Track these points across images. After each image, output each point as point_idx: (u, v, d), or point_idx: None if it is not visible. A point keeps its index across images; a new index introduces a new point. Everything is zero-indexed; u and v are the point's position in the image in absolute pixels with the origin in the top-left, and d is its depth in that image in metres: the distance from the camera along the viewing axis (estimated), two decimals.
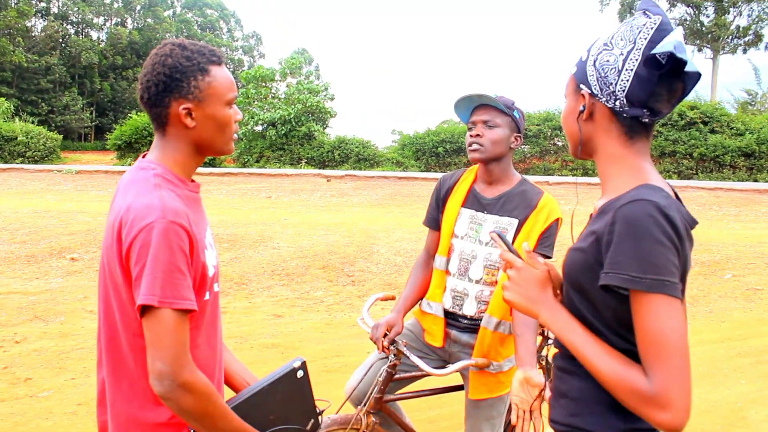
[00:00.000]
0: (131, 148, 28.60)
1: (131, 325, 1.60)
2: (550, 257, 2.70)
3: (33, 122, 34.04)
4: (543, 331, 3.04)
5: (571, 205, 15.96)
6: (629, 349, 1.43)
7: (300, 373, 1.98)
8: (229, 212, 14.41)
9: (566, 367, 1.62)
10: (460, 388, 2.96)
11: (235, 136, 1.81)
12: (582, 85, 1.53)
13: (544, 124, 26.14)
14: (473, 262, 2.76)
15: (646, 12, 1.48)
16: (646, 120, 1.49)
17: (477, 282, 2.76)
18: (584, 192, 19.26)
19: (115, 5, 58.27)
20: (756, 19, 37.09)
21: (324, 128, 31.33)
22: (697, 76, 1.42)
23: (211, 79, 1.68)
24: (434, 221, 2.94)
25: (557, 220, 2.69)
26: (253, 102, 30.53)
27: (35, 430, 4.18)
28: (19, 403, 4.57)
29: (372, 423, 2.69)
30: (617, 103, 1.48)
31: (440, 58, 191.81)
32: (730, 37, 38.14)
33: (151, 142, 28.20)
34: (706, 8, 38.33)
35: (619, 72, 1.46)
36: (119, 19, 58.80)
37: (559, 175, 24.73)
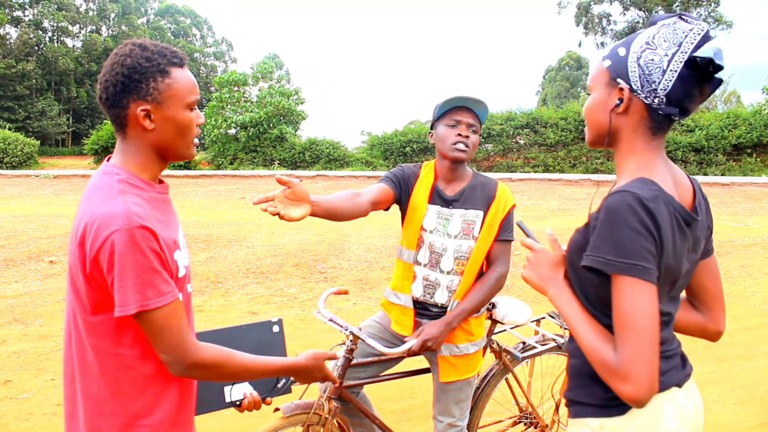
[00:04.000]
0: (108, 153, 28.43)
1: (94, 330, 1.59)
2: (512, 240, 2.85)
3: (10, 128, 34.06)
4: (491, 315, 3.11)
5: (533, 201, 16.49)
6: (609, 325, 1.51)
7: (275, 328, 2.10)
8: (204, 213, 14.56)
9: (569, 349, 1.74)
10: (425, 371, 3.02)
11: (196, 140, 1.76)
12: (620, 80, 1.55)
13: (506, 123, 26.77)
14: (444, 255, 2.81)
15: (684, 18, 1.54)
16: (675, 118, 1.56)
17: (448, 273, 2.82)
18: (547, 187, 19.84)
19: (90, 13, 58.23)
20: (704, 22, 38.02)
21: (295, 130, 31.70)
22: (719, 82, 1.52)
23: (171, 81, 1.62)
24: (393, 185, 2.86)
25: (513, 206, 2.85)
26: (227, 106, 30.88)
27: (15, 431, 4.15)
28: None
29: (334, 408, 2.68)
30: (656, 100, 1.52)
31: (405, 59, 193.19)
32: None
33: None
34: (657, 12, 39.16)
35: (664, 72, 1.49)
36: (94, 27, 58.73)
37: (521, 172, 25.36)
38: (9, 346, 5.78)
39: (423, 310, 2.90)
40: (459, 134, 2.75)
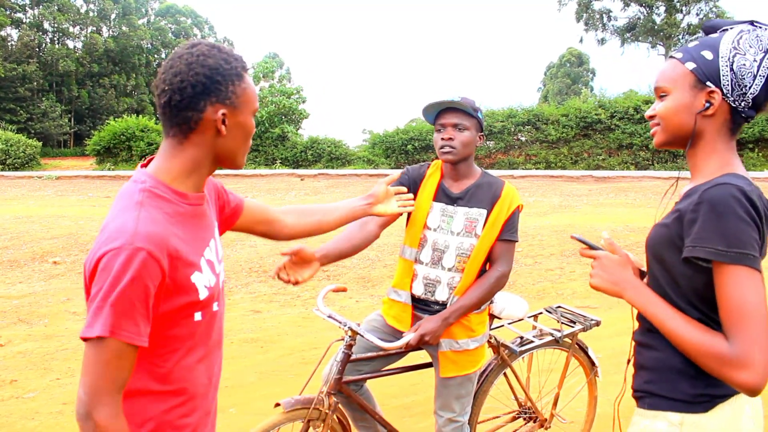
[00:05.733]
0: (110, 153, 28.93)
1: None
2: (515, 241, 2.88)
3: (12, 130, 34.02)
4: (488, 310, 3.10)
5: (535, 197, 16.47)
6: (701, 318, 1.55)
7: None
8: None
9: (644, 341, 1.73)
10: (426, 366, 3.07)
11: None
12: (710, 83, 1.57)
13: (507, 120, 26.68)
14: (446, 252, 2.85)
15: (758, 25, 1.58)
16: (750, 120, 1.61)
17: (449, 270, 2.85)
18: (548, 183, 19.86)
19: (90, 14, 58.22)
20: (705, 18, 38.12)
21: (297, 129, 31.70)
22: None
23: (246, 86, 1.59)
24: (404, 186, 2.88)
25: (518, 207, 2.86)
26: None
27: (21, 430, 4.19)
28: (5, 404, 4.59)
29: (333, 403, 2.70)
30: (743, 103, 1.57)
31: (405, 57, 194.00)
32: (682, 34, 39.21)
33: (129, 147, 28.76)
34: (658, 8, 39.39)
35: (754, 77, 1.54)
36: (94, 28, 58.71)
37: (523, 169, 25.29)
38: (14, 346, 5.87)
39: (425, 306, 2.93)
40: (443, 138, 2.81)
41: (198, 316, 1.59)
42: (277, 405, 2.64)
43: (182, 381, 1.59)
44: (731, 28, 1.60)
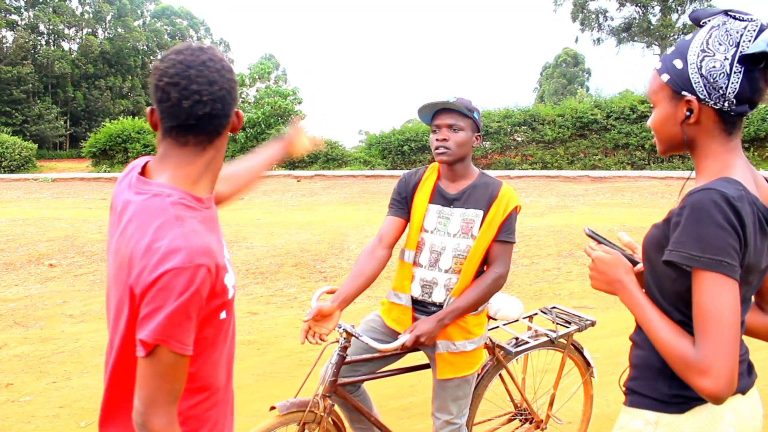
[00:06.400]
0: (106, 155, 28.86)
1: (133, 356, 1.49)
2: (512, 242, 2.85)
3: (8, 132, 34.00)
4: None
5: (532, 198, 16.42)
6: (683, 321, 1.55)
7: None
8: None
9: (635, 339, 1.76)
10: (423, 367, 3.06)
11: None
12: (685, 92, 1.56)
13: (503, 120, 26.59)
14: (443, 254, 2.85)
15: (732, 15, 1.53)
16: (747, 115, 1.58)
17: (446, 271, 2.85)
18: (545, 184, 19.82)
19: (86, 16, 58.14)
20: None
21: None
22: None
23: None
24: (401, 211, 2.96)
25: (516, 208, 2.83)
26: None
27: None
28: (1, 408, 4.57)
29: (329, 406, 2.71)
30: (726, 104, 1.53)
31: (401, 58, 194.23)
32: (677, 34, 39.29)
33: (125, 149, 28.75)
34: (653, 8, 39.56)
35: (728, 75, 1.49)
36: (90, 30, 58.63)
37: (519, 169, 25.25)
38: (10, 350, 5.83)
39: (422, 307, 2.92)
40: (437, 139, 2.82)
41: (223, 314, 1.61)
42: (273, 408, 2.63)
43: (207, 378, 1.63)
44: (709, 21, 1.57)
